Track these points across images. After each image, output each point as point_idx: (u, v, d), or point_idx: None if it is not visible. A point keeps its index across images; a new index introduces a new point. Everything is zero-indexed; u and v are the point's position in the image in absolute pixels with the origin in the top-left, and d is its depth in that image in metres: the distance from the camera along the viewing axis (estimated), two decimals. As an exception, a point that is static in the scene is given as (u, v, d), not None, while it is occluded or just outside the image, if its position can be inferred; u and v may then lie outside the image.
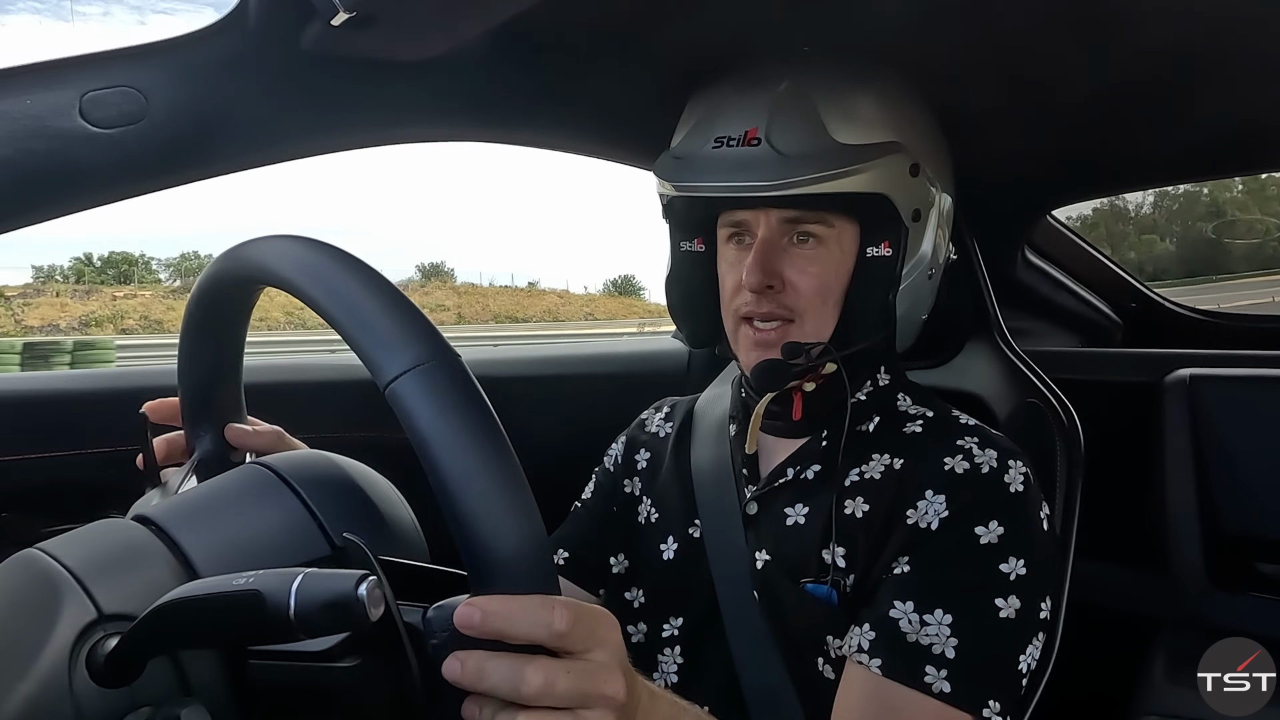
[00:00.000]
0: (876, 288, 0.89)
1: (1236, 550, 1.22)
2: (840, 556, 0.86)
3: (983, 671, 0.78)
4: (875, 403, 0.94)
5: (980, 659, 0.77)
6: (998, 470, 0.84)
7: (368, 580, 0.40)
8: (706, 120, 0.90)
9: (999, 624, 0.79)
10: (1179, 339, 1.78)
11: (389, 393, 0.45)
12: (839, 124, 0.86)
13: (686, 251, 0.97)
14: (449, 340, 0.48)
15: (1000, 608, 0.79)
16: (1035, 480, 0.86)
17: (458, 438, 0.44)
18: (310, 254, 0.51)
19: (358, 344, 0.47)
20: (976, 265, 1.17)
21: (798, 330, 0.89)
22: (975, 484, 0.84)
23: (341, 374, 1.30)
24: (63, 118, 0.75)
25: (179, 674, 0.48)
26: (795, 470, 0.92)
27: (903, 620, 0.78)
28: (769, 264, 0.87)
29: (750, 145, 0.85)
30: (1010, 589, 0.79)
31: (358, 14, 0.73)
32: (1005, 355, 1.17)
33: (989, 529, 0.81)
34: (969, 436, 0.88)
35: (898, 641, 0.78)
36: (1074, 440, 1.02)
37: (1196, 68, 0.96)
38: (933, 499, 0.84)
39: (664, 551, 0.98)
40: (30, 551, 0.50)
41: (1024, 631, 0.80)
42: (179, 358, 0.67)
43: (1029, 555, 0.81)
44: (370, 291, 0.48)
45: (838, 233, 0.88)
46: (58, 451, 1.06)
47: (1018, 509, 0.83)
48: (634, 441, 1.09)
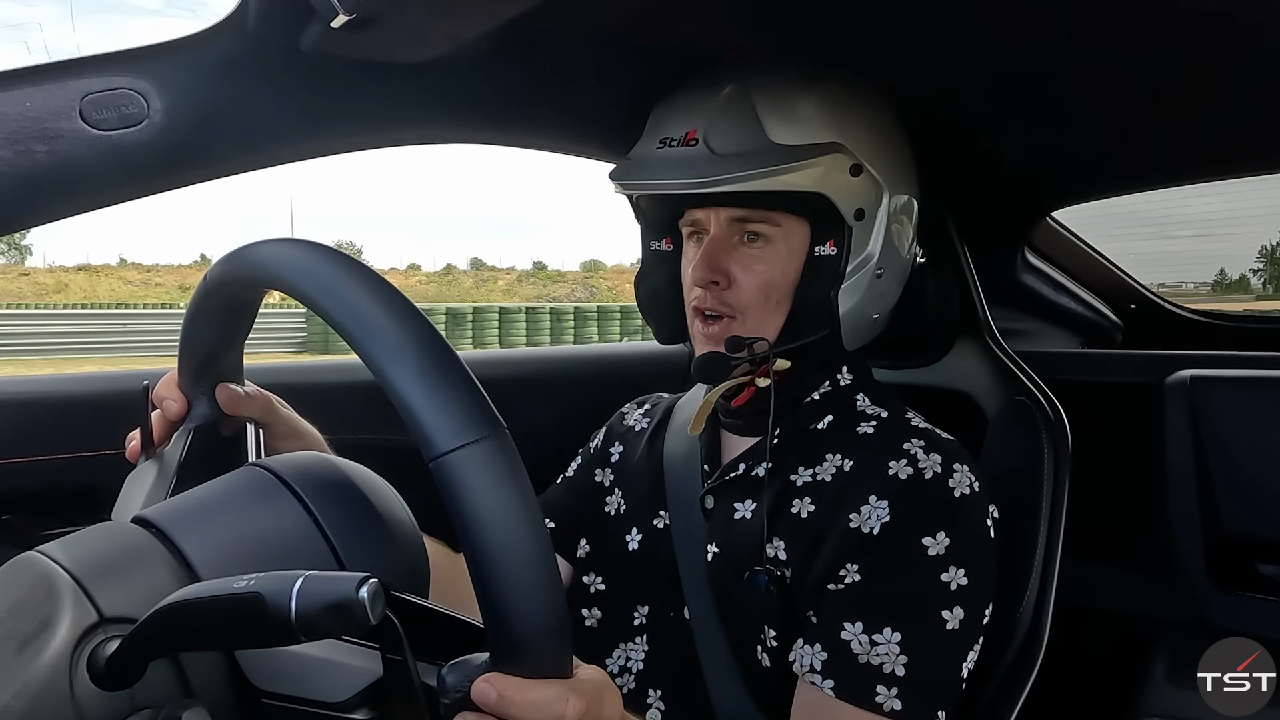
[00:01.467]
0: (821, 285, 0.91)
1: (1237, 551, 1.22)
2: (781, 550, 0.88)
3: (931, 686, 0.80)
4: (830, 402, 0.96)
5: (928, 673, 0.80)
6: (942, 475, 0.86)
7: (369, 583, 0.40)
8: (657, 124, 0.94)
9: (945, 636, 0.81)
10: (1179, 340, 1.78)
11: (435, 466, 0.45)
12: (777, 125, 0.88)
13: (655, 250, 1.02)
14: None
15: (946, 620, 0.81)
16: (981, 484, 0.87)
17: (500, 516, 0.45)
18: (368, 295, 0.49)
19: (411, 412, 0.46)
20: (965, 264, 1.17)
21: (739, 326, 0.92)
22: (918, 490, 0.85)
23: (341, 374, 1.30)
24: (62, 120, 0.75)
25: (180, 676, 0.48)
26: (746, 465, 0.94)
27: (853, 641, 0.81)
28: (716, 261, 0.90)
29: (688, 145, 0.88)
30: (953, 599, 0.82)
31: (357, 16, 0.73)
32: (994, 353, 1.17)
33: (936, 540, 0.83)
34: (916, 440, 0.89)
35: (849, 663, 0.80)
36: (1061, 437, 1.03)
37: (1197, 68, 0.96)
38: (876, 504, 0.85)
39: (629, 542, 1.00)
40: (30, 554, 0.50)
41: (967, 639, 0.83)
42: (185, 324, 0.66)
43: (969, 563, 0.83)
44: (432, 356, 0.47)
45: (785, 232, 0.91)
46: (58, 454, 1.06)
47: (961, 516, 0.84)
48: (611, 433, 1.12)
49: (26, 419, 1.07)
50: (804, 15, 0.92)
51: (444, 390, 0.46)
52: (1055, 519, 0.99)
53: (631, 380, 1.58)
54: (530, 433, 0.74)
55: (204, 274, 0.63)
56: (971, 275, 1.18)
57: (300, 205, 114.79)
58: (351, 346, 0.48)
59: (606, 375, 1.59)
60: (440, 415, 0.45)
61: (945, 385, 1.26)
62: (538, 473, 0.51)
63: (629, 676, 0.95)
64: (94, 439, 1.08)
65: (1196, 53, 0.93)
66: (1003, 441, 1.12)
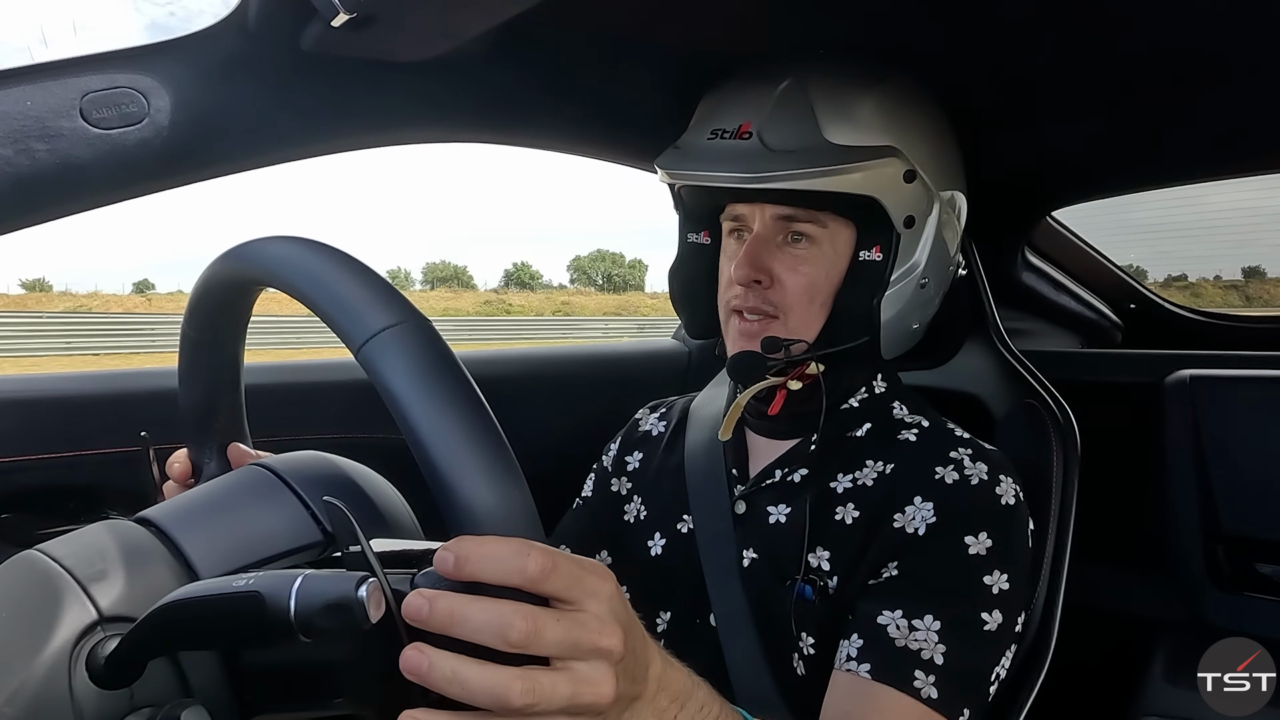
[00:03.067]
0: (863, 291, 0.89)
1: (1237, 551, 1.22)
2: (825, 560, 0.86)
3: (966, 680, 0.78)
4: (868, 409, 0.95)
5: (965, 668, 0.78)
6: (988, 483, 0.85)
7: (368, 581, 0.40)
8: (708, 114, 0.91)
9: (983, 636, 0.80)
10: (1179, 340, 1.78)
11: (361, 356, 0.45)
12: (833, 123, 0.86)
13: (693, 243, 0.99)
14: None
15: (985, 621, 0.80)
16: (1024, 498, 0.86)
17: (431, 395, 0.44)
18: (280, 246, 0.53)
19: (329, 315, 0.47)
20: (974, 266, 1.17)
21: (780, 327, 0.90)
22: (965, 494, 0.84)
23: (341, 374, 1.30)
24: (63, 119, 0.75)
25: (179, 675, 0.48)
26: (782, 472, 0.93)
27: (890, 626, 0.79)
28: (759, 260, 0.88)
29: (741, 139, 0.86)
30: (994, 603, 0.80)
31: (358, 15, 0.73)
32: (1003, 356, 1.17)
33: (978, 540, 0.82)
34: (963, 448, 0.88)
35: (886, 646, 0.78)
36: (1071, 440, 1.02)
37: (1198, 68, 0.96)
38: (921, 505, 0.84)
39: (652, 548, 0.99)
40: (30, 553, 0.50)
41: (1001, 645, 0.81)
42: (179, 378, 0.67)
43: (1012, 570, 0.82)
44: (335, 265, 0.49)
45: (831, 234, 0.89)
46: (57, 453, 1.06)
47: (1006, 523, 0.83)
48: (627, 443, 1.11)
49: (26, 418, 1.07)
50: (804, 12, 0.92)
51: (354, 288, 0.47)
52: (1064, 522, 0.99)
53: (631, 379, 1.58)
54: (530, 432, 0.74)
55: (180, 330, 0.64)
56: (980, 277, 1.18)
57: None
58: (279, 288, 0.51)
59: (606, 374, 1.59)
60: (355, 310, 0.46)
61: (954, 387, 1.26)
62: (538, 472, 0.51)
63: None
64: (93, 438, 1.08)
65: (1197, 53, 0.93)
66: (1012, 444, 1.12)
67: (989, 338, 1.19)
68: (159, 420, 0.74)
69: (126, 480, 0.73)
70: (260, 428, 0.75)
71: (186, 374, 0.66)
